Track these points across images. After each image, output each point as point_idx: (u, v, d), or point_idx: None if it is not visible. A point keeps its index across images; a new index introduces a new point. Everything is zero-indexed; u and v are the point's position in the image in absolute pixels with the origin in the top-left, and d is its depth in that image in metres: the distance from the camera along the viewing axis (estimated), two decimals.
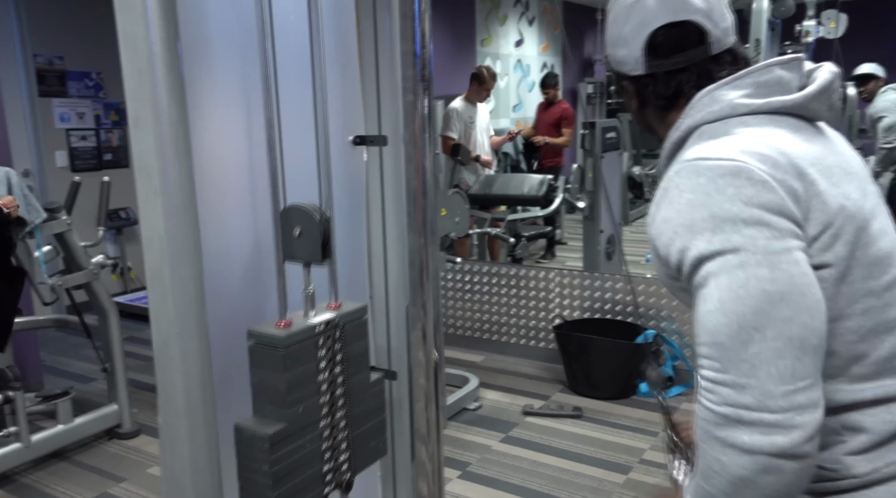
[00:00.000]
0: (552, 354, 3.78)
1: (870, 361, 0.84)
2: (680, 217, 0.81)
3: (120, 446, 3.05)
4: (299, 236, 1.15)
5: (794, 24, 4.65)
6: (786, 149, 0.83)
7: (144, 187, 1.09)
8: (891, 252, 0.86)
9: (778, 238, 0.77)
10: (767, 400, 0.73)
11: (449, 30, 6.05)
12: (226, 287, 1.25)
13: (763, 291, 0.75)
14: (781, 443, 0.73)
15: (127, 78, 1.07)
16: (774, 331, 0.74)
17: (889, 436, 0.84)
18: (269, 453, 1.08)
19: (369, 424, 1.28)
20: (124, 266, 5.25)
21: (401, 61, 1.12)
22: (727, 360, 0.76)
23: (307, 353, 1.14)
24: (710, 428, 0.77)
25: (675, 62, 0.93)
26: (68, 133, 4.98)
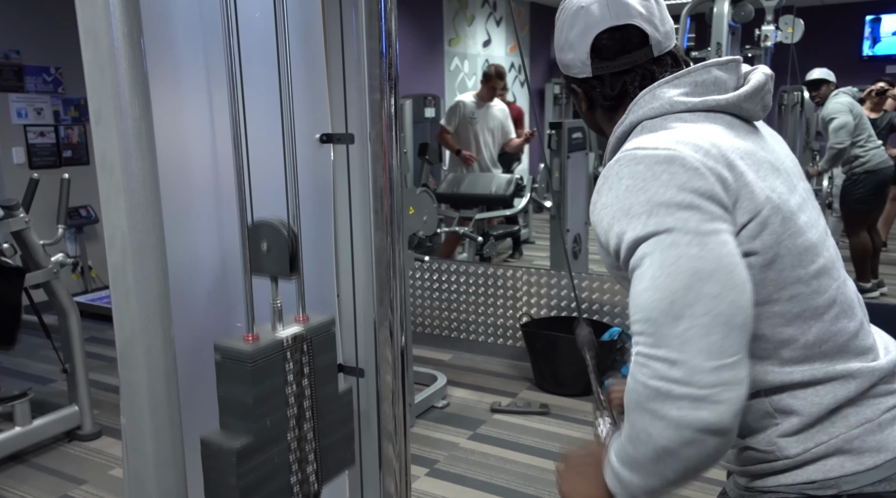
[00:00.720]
0: (520, 352, 3.82)
1: (798, 345, 0.89)
2: (618, 203, 0.85)
3: (81, 448, 2.99)
4: (267, 252, 1.15)
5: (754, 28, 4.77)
6: (717, 142, 0.88)
7: (107, 184, 1.08)
8: (816, 244, 0.91)
9: (708, 220, 0.81)
10: (696, 375, 0.76)
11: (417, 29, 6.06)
12: (192, 300, 1.24)
13: (693, 268, 0.79)
14: (707, 418, 0.76)
15: (88, 74, 1.05)
16: (703, 307, 0.77)
17: (817, 418, 0.88)
18: (236, 467, 1.08)
19: (337, 435, 1.29)
20: (85, 265, 5.14)
21: (367, 60, 1.12)
22: (659, 335, 0.79)
23: (275, 366, 1.14)
24: (641, 400, 0.80)
25: (619, 64, 0.99)
26: (26, 129, 4.86)
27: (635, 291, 0.82)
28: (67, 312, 3.01)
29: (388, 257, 1.25)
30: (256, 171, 1.27)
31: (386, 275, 1.28)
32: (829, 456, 0.88)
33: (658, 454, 0.80)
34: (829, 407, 0.88)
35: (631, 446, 0.83)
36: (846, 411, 0.89)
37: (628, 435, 0.83)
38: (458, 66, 6.67)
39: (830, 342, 0.89)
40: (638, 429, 0.81)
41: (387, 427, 1.41)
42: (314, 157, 1.41)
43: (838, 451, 0.88)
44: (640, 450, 0.81)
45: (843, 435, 0.88)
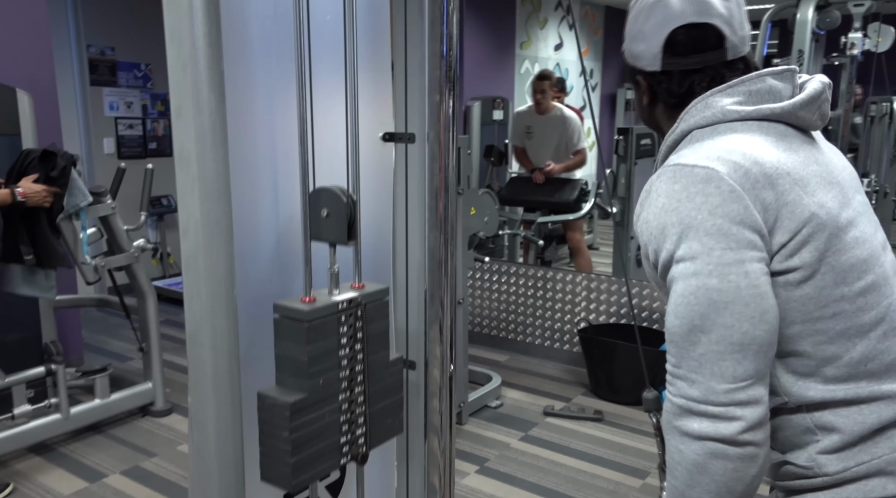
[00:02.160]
0: (576, 357, 3.79)
1: (842, 363, 0.87)
2: (656, 220, 0.88)
3: (152, 423, 3.18)
4: (326, 217, 1.20)
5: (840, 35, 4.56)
6: (762, 158, 0.87)
7: (183, 174, 1.16)
8: (867, 260, 0.89)
9: (733, 249, 0.83)
10: (710, 395, 0.83)
11: (488, 32, 6.09)
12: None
13: (710, 299, 0.83)
14: (725, 431, 0.82)
15: (171, 71, 1.14)
16: (717, 335, 0.83)
17: (860, 437, 0.87)
18: (289, 421, 1.14)
19: (386, 402, 1.33)
20: (164, 252, 5.42)
21: (428, 62, 1.17)
22: (680, 356, 0.86)
23: (329, 328, 1.19)
24: (669, 418, 0.87)
25: (691, 62, 0.97)
26: (116, 121, 5.17)
27: (667, 311, 0.88)
28: (146, 294, 3.20)
29: (441, 256, 1.29)
30: (321, 165, 1.34)
31: (438, 273, 1.31)
32: (870, 476, 0.86)
33: (690, 473, 0.85)
34: (873, 427, 0.87)
35: (671, 477, 0.88)
36: (891, 432, 0.87)
37: (668, 463, 0.88)
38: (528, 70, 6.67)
39: (877, 360, 0.87)
40: (672, 451, 0.87)
41: (433, 422, 1.45)
42: (377, 154, 1.47)
43: (881, 472, 0.86)
44: (677, 474, 0.87)
45: (887, 456, 0.86)
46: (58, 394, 2.84)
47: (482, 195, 3.22)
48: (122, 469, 2.77)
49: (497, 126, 5.96)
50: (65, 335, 3.60)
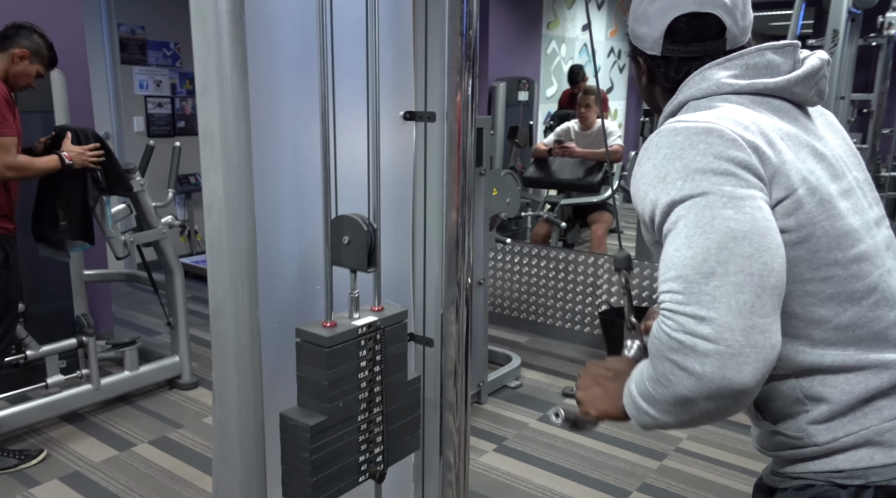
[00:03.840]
0: (596, 340, 3.80)
1: (830, 326, 0.87)
2: (655, 170, 0.86)
3: (179, 396, 3.26)
4: (348, 244, 1.22)
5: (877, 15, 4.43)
6: (758, 121, 0.88)
7: (207, 151, 1.19)
8: (859, 230, 0.89)
9: (744, 186, 0.82)
10: (725, 332, 0.76)
11: (515, 11, 6.02)
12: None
13: (728, 228, 0.79)
14: (732, 377, 0.76)
15: (196, 49, 1.16)
16: (736, 266, 0.78)
17: (848, 407, 0.87)
18: (310, 442, 1.17)
19: (404, 421, 1.36)
20: (191, 229, 5.52)
21: (448, 41, 1.17)
22: (689, 292, 0.78)
23: (349, 352, 1.22)
24: (664, 349, 0.80)
25: (690, 50, 0.98)
26: (146, 100, 5.25)
27: (668, 251, 0.82)
28: (173, 270, 3.27)
29: (459, 236, 1.30)
30: (342, 145, 1.35)
31: (455, 253, 1.33)
32: (858, 446, 0.87)
33: (676, 400, 0.81)
34: (861, 397, 0.87)
35: (651, 387, 0.84)
36: (880, 403, 0.87)
37: (650, 376, 0.84)
38: (554, 50, 6.59)
39: (866, 328, 0.88)
40: (659, 373, 0.82)
41: (449, 400, 1.47)
42: (398, 134, 1.48)
43: (868, 442, 0.87)
44: (659, 392, 0.83)
45: (875, 427, 0.87)
46: (89, 365, 2.93)
47: (505, 176, 3.21)
48: (150, 439, 2.86)
49: (522, 107, 5.92)
50: (95, 309, 3.70)
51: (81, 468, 2.63)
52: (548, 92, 6.58)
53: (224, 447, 1.31)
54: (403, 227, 1.53)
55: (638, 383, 0.88)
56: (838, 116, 4.58)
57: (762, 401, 0.94)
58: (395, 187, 1.49)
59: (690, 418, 0.82)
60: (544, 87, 6.51)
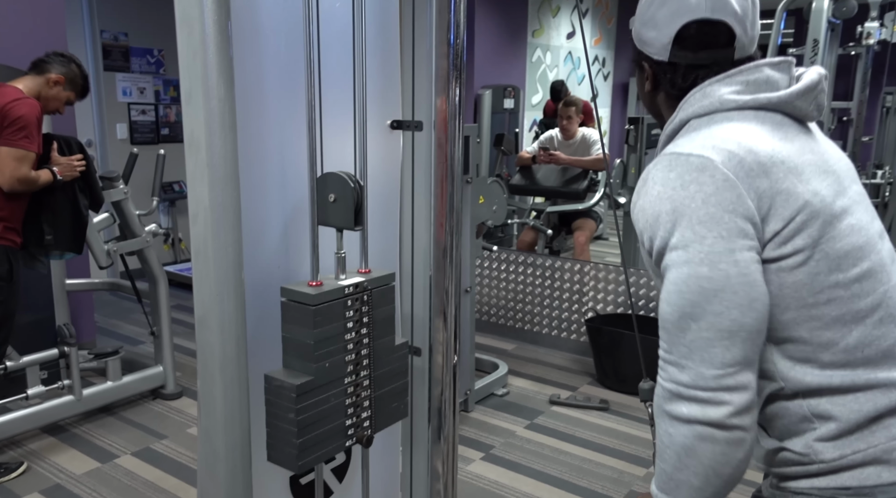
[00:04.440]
0: (583, 347, 3.81)
1: (838, 348, 0.88)
2: (651, 208, 0.89)
3: (163, 406, 3.22)
4: (334, 202, 1.21)
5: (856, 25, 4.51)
6: (756, 147, 0.88)
7: (193, 160, 1.18)
8: (862, 247, 0.89)
9: (724, 238, 0.85)
10: (699, 380, 0.85)
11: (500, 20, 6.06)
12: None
13: (700, 287, 0.85)
14: (713, 414, 0.84)
15: (182, 57, 1.15)
16: (707, 322, 0.85)
17: (856, 425, 0.88)
18: (295, 402, 1.16)
19: (391, 386, 1.35)
20: (175, 237, 5.47)
21: (435, 50, 1.17)
22: (671, 343, 0.88)
23: (336, 312, 1.21)
24: (660, 402, 0.88)
25: (699, 58, 0.97)
26: (129, 107, 5.20)
27: (660, 299, 0.89)
28: (157, 279, 3.24)
29: (446, 244, 1.30)
30: (329, 154, 1.35)
31: (443, 262, 1.33)
32: (866, 464, 0.87)
33: (679, 456, 0.86)
34: (869, 415, 0.88)
35: (661, 461, 0.89)
36: (888, 422, 0.88)
37: (659, 450, 0.90)
38: (539, 58, 6.63)
39: (873, 346, 0.88)
40: (662, 434, 0.88)
41: (437, 409, 1.47)
42: (385, 141, 1.48)
43: (876, 460, 0.87)
44: (667, 458, 0.88)
45: (883, 445, 0.87)
46: (71, 376, 2.89)
47: (491, 184, 3.22)
48: (133, 450, 2.82)
49: (508, 115, 5.94)
50: (78, 318, 3.65)
51: (63, 481, 2.59)
52: (533, 99, 6.62)
53: (209, 459, 1.29)
54: (390, 235, 1.53)
55: (656, 475, 0.93)
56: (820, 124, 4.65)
57: (768, 418, 0.95)
58: (382, 196, 1.49)
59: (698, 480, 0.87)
60: (530, 95, 6.54)
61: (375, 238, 1.45)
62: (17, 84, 2.52)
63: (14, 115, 2.38)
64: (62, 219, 2.68)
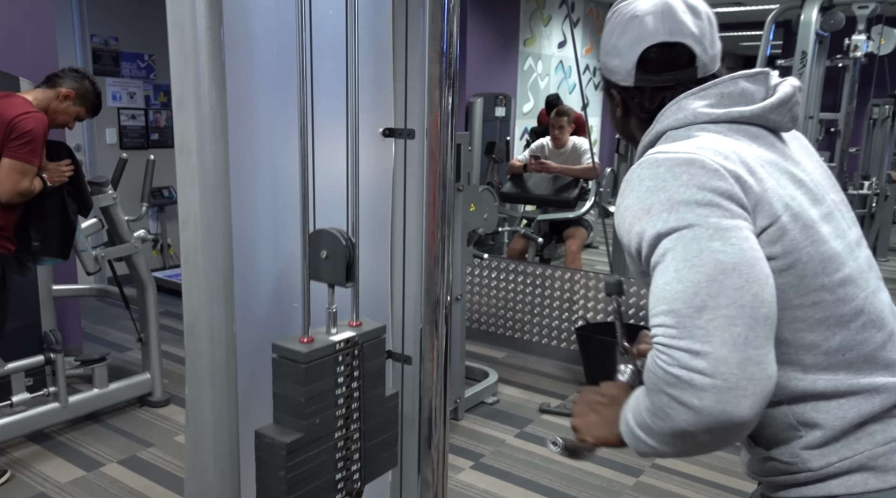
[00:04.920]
0: (573, 355, 3.81)
1: (820, 351, 0.88)
2: (639, 203, 0.87)
3: (150, 414, 3.19)
4: (326, 259, 1.21)
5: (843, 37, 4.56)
6: (737, 150, 0.90)
7: (183, 166, 1.17)
8: (842, 253, 0.90)
9: (728, 217, 0.83)
10: (721, 366, 0.76)
11: (492, 28, 6.09)
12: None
13: (716, 260, 0.79)
14: (731, 411, 0.76)
15: (173, 63, 1.15)
16: (727, 298, 0.78)
17: (841, 432, 0.88)
18: (286, 460, 1.15)
19: (381, 437, 1.34)
20: (164, 243, 5.43)
21: (428, 58, 1.17)
22: (682, 326, 0.78)
23: (327, 368, 1.20)
24: (660, 384, 0.80)
25: (662, 80, 0.99)
26: (119, 111, 5.18)
27: (657, 284, 0.82)
28: (146, 285, 3.21)
29: (438, 252, 1.30)
30: (321, 162, 1.35)
31: (434, 270, 1.32)
32: (852, 472, 0.88)
33: (675, 433, 0.81)
34: (854, 421, 0.88)
35: (649, 419, 0.84)
36: (872, 428, 0.88)
37: (648, 408, 0.84)
38: (531, 67, 6.67)
39: (855, 351, 0.89)
40: (657, 407, 0.82)
41: (428, 418, 1.46)
42: (377, 150, 1.48)
43: (862, 467, 0.87)
44: (658, 425, 0.83)
45: (869, 452, 0.87)
46: (56, 383, 2.85)
47: (482, 192, 3.22)
48: (120, 459, 2.79)
49: (499, 123, 5.96)
50: (64, 324, 3.61)
51: (47, 489, 2.55)
52: (524, 108, 6.64)
53: (198, 468, 1.28)
54: (382, 243, 1.52)
55: (635, 414, 0.87)
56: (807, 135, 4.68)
57: (755, 428, 0.94)
58: (374, 204, 1.48)
59: (689, 449, 0.83)
60: (521, 103, 6.57)
61: (367, 248, 1.44)
62: (27, 96, 2.53)
63: (22, 128, 2.40)
64: (50, 225, 2.66)
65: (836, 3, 4.35)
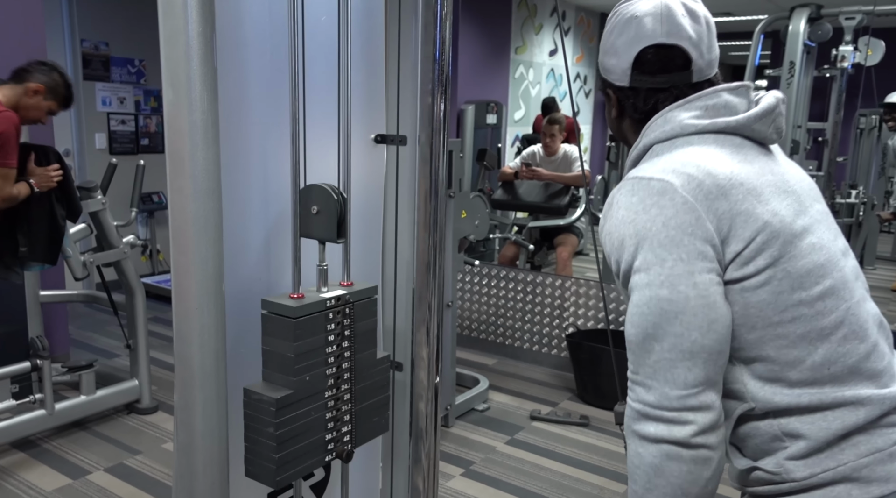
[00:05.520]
0: (563, 362, 3.81)
1: (805, 366, 0.90)
2: (616, 231, 0.93)
3: (138, 421, 3.16)
4: (316, 214, 1.20)
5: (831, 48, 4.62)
6: (715, 170, 0.91)
7: (174, 171, 1.17)
8: (824, 265, 0.91)
9: (684, 261, 0.87)
10: (664, 401, 0.88)
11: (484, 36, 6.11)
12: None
13: (661, 309, 0.87)
14: (678, 434, 0.87)
15: (165, 68, 1.14)
16: (669, 343, 0.87)
17: (825, 443, 0.89)
18: (275, 416, 1.14)
19: (372, 400, 1.33)
20: (153, 248, 5.40)
21: (421, 65, 1.18)
22: (637, 363, 0.90)
23: (317, 325, 1.20)
24: (629, 422, 0.91)
25: (657, 81, 1.00)
26: (109, 116, 5.15)
27: (625, 321, 0.92)
28: (134, 290, 3.19)
29: (430, 259, 1.30)
30: (312, 168, 1.34)
31: (426, 276, 1.32)
32: (836, 482, 0.88)
33: (648, 475, 0.89)
34: (838, 433, 0.89)
35: (632, 480, 0.91)
36: (856, 439, 0.89)
37: (629, 467, 0.92)
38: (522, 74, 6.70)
39: (839, 363, 0.90)
40: (632, 455, 0.91)
41: (419, 425, 1.46)
42: (369, 155, 1.48)
43: (846, 478, 0.88)
44: (637, 478, 0.91)
45: (852, 463, 0.88)
46: (43, 389, 2.82)
47: (473, 198, 3.23)
48: (107, 466, 2.76)
49: (490, 130, 5.98)
50: (51, 330, 3.57)
51: None
52: (515, 115, 6.67)
53: (186, 476, 1.26)
54: (373, 249, 1.52)
55: (629, 490, 0.94)
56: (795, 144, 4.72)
57: (740, 438, 0.96)
58: (366, 209, 1.48)
59: (672, 491, 0.88)
60: (512, 111, 6.60)
61: (358, 251, 1.44)
62: None
63: None
64: (38, 230, 2.64)
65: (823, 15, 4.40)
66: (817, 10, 4.38)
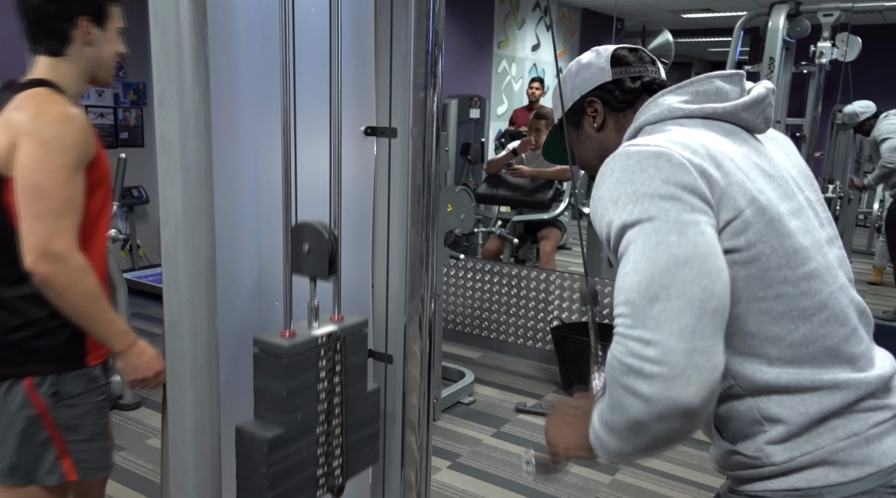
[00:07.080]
0: (548, 355, 3.84)
1: (784, 344, 0.91)
2: (609, 194, 0.90)
3: (121, 417, 3.13)
4: (308, 252, 1.20)
5: (809, 44, 4.68)
6: (707, 144, 0.93)
7: (165, 163, 1.15)
8: (809, 248, 0.93)
9: (688, 211, 0.86)
10: (668, 355, 0.79)
11: (467, 30, 6.11)
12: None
13: (670, 253, 0.82)
14: (677, 398, 0.79)
15: (155, 59, 1.13)
16: (678, 290, 0.81)
17: (804, 427, 0.90)
18: (267, 456, 1.13)
19: (363, 433, 1.33)
20: (134, 243, 5.33)
21: (413, 57, 1.17)
22: (636, 316, 0.82)
23: (309, 362, 1.19)
24: (616, 374, 0.84)
25: (637, 70, 1.09)
26: (87, 109, 5.07)
27: (619, 275, 0.86)
28: (116, 285, 3.14)
29: (422, 252, 1.30)
30: (303, 160, 1.34)
31: (418, 270, 1.32)
32: (814, 466, 0.90)
33: (630, 425, 0.84)
34: (815, 417, 0.90)
35: (609, 413, 0.87)
36: (833, 423, 0.90)
37: (608, 402, 0.87)
38: (505, 69, 6.70)
39: (818, 344, 0.91)
40: (614, 400, 0.85)
41: (411, 418, 1.46)
42: (358, 149, 1.47)
43: (823, 461, 0.90)
44: (615, 418, 0.86)
45: (830, 446, 0.90)
46: None
47: (459, 192, 3.23)
48: None
49: (474, 124, 5.98)
50: None
51: None
52: (498, 110, 6.68)
53: (177, 471, 1.25)
54: (364, 242, 1.52)
55: (599, 414, 0.90)
56: None
57: (721, 421, 0.97)
58: (356, 202, 1.48)
59: (646, 444, 0.85)
60: (495, 105, 6.61)
61: (348, 243, 1.44)
62: None
63: None
64: None
65: (802, 11, 4.47)
66: (796, 6, 4.45)
